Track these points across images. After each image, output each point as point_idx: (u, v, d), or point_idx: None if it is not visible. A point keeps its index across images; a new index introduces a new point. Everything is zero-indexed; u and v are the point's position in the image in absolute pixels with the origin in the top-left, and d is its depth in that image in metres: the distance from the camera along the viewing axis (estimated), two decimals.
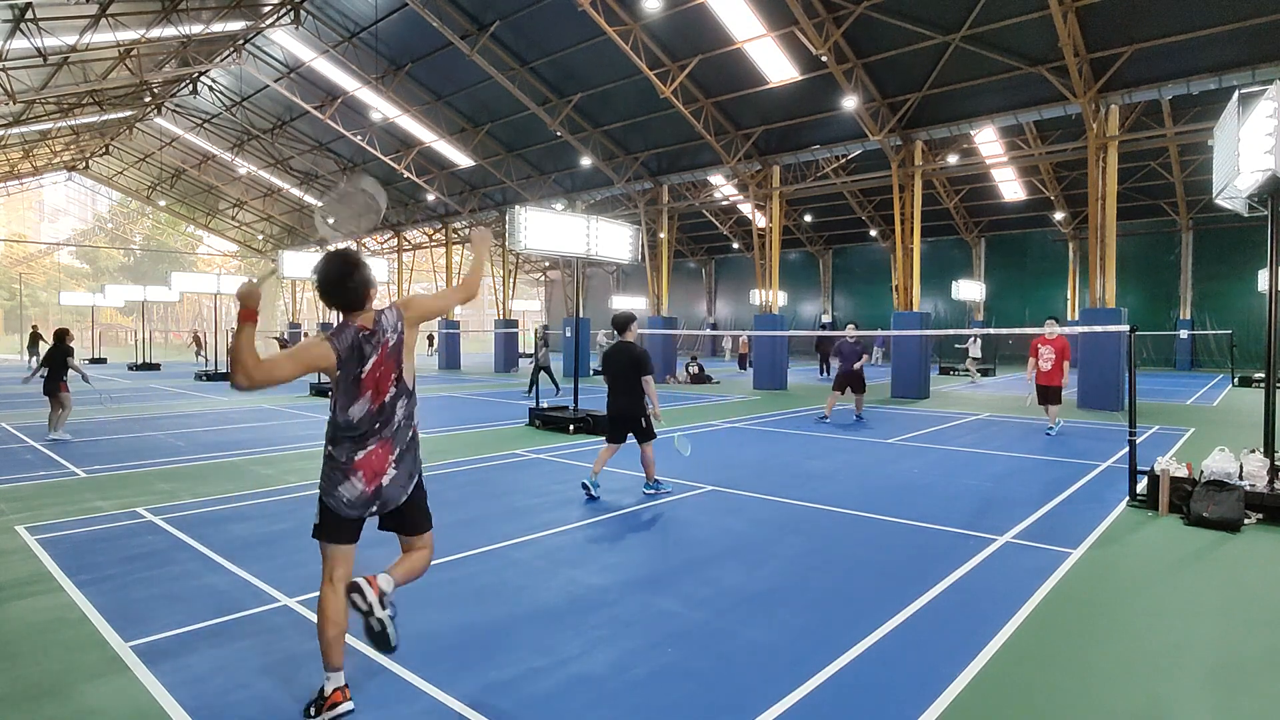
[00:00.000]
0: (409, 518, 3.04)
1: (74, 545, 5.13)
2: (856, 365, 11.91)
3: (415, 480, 3.03)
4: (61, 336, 10.41)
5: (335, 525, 2.90)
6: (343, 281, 2.83)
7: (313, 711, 2.89)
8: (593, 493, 6.52)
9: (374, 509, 2.93)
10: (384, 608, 2.77)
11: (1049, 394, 10.43)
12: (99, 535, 5.39)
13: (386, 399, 2.88)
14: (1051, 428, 10.61)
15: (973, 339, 22.00)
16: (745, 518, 5.95)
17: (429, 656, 3.40)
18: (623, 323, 6.59)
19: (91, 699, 3.03)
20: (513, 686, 3.13)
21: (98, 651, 3.46)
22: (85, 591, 4.21)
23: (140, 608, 3.98)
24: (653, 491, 6.70)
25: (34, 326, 25.36)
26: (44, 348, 22.67)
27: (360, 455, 2.85)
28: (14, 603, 4.08)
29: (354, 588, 2.77)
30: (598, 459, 6.71)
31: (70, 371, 10.25)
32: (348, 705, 2.86)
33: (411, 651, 3.44)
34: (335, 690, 2.86)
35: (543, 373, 15.35)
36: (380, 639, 2.78)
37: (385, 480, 2.90)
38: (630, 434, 6.61)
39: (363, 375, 2.82)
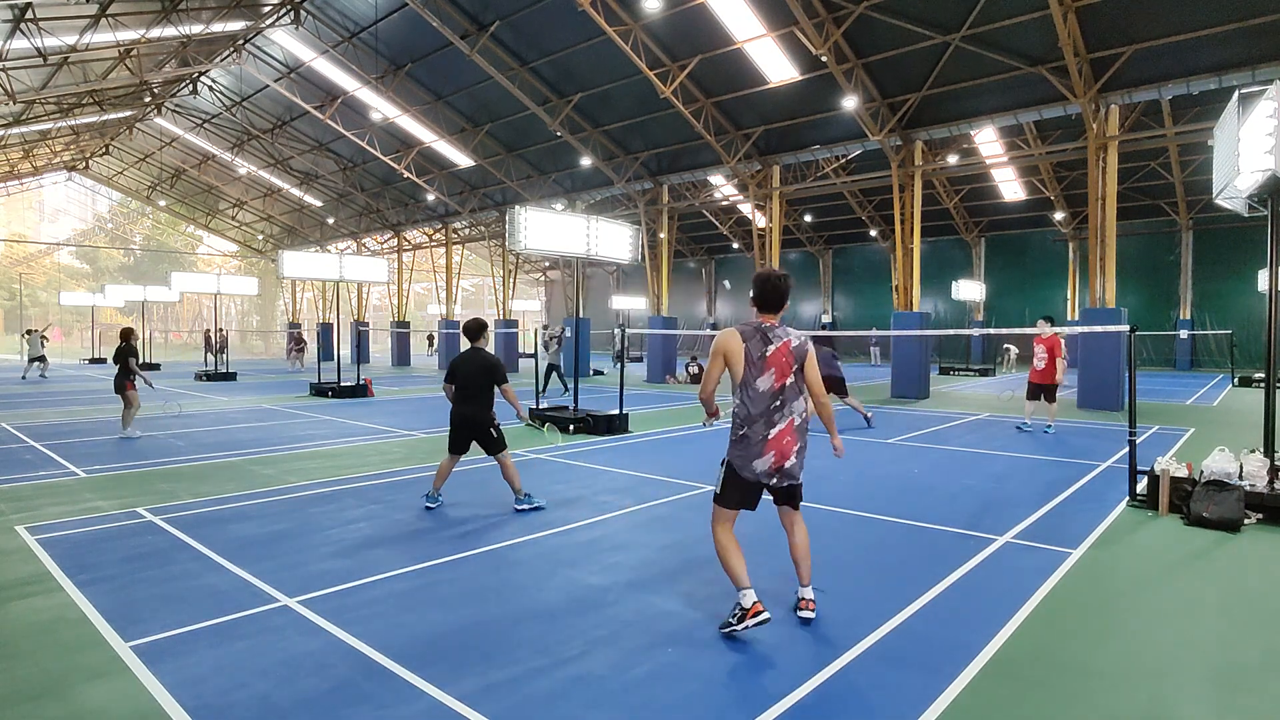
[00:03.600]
0: (796, 493, 3.75)
1: (74, 545, 5.13)
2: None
3: (801, 471, 3.73)
4: (126, 336, 10.55)
5: (735, 494, 3.67)
6: (778, 291, 3.68)
7: (734, 620, 3.53)
8: (431, 506, 6.16)
9: (775, 480, 3.62)
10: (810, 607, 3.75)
11: (1046, 392, 10.45)
12: (99, 535, 5.39)
13: (788, 382, 3.60)
14: (1028, 422, 10.71)
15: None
16: (745, 518, 5.90)
17: (429, 656, 3.40)
18: (474, 331, 6.29)
19: (91, 699, 3.03)
20: (513, 686, 3.13)
21: (98, 651, 3.46)
22: (85, 591, 4.21)
23: (140, 608, 3.98)
24: (525, 508, 6.06)
25: None
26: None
27: (773, 434, 3.56)
28: (14, 603, 4.08)
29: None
30: (438, 472, 6.25)
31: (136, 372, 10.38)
32: (766, 615, 3.52)
33: (411, 651, 3.45)
34: (754, 603, 3.50)
35: (554, 372, 15.32)
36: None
37: (788, 463, 3.61)
38: (476, 444, 6.15)
39: (768, 354, 3.57)
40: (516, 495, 6.16)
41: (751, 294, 3.73)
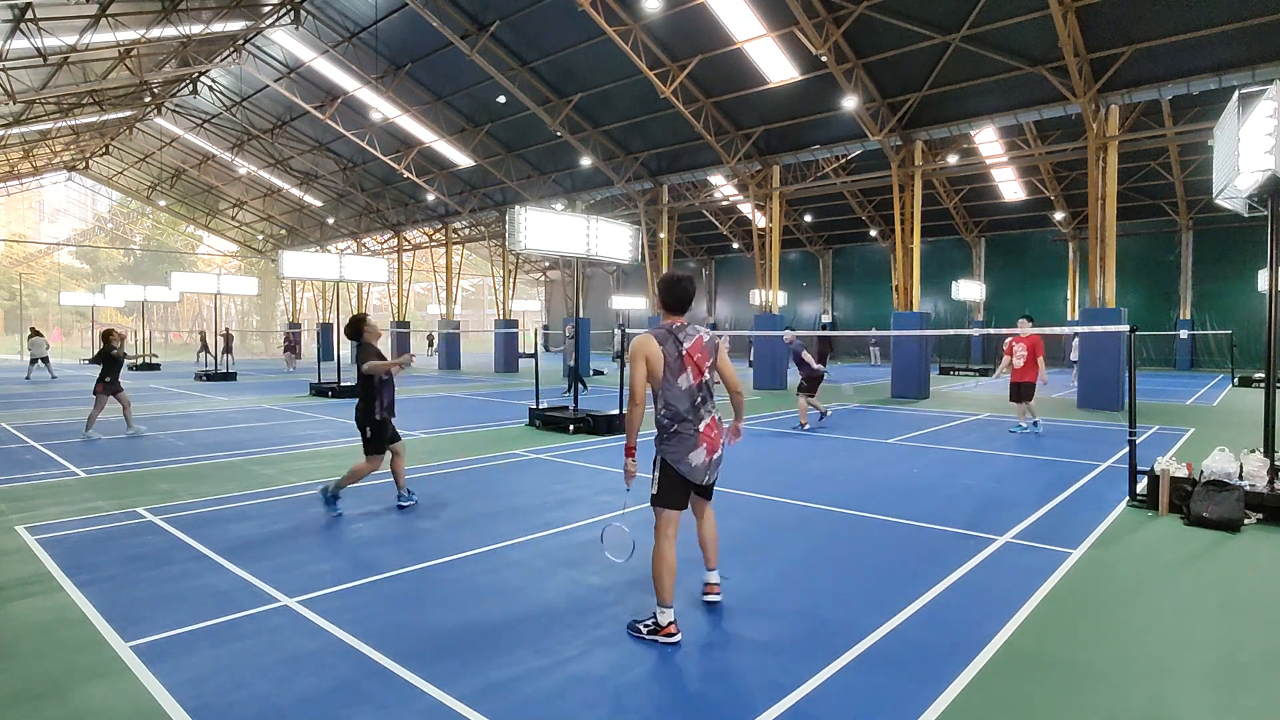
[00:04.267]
0: (710, 486, 3.88)
1: (74, 545, 5.13)
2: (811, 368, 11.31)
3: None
4: (106, 337, 10.75)
5: (675, 492, 3.69)
6: (683, 294, 3.75)
7: (644, 630, 3.61)
8: (403, 504, 6.18)
9: (709, 476, 3.73)
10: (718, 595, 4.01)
11: (1022, 390, 10.49)
12: (99, 535, 5.38)
13: (704, 379, 3.70)
14: (1022, 424, 10.68)
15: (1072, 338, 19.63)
16: (745, 518, 5.94)
17: (429, 656, 3.40)
18: (351, 331, 6.28)
19: (91, 699, 3.03)
20: (513, 686, 3.14)
21: (98, 651, 3.46)
22: (85, 591, 4.21)
23: (140, 608, 3.98)
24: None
25: None
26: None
27: (703, 427, 3.67)
28: (14, 603, 4.08)
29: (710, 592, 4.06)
30: (395, 474, 6.32)
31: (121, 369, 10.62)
32: (678, 638, 3.57)
33: (411, 651, 3.45)
34: (670, 623, 3.58)
35: (570, 371, 15.32)
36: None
37: (717, 454, 3.74)
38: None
39: (683, 353, 3.65)
40: (333, 488, 6.00)
41: (659, 297, 3.80)
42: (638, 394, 3.64)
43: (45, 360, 22.39)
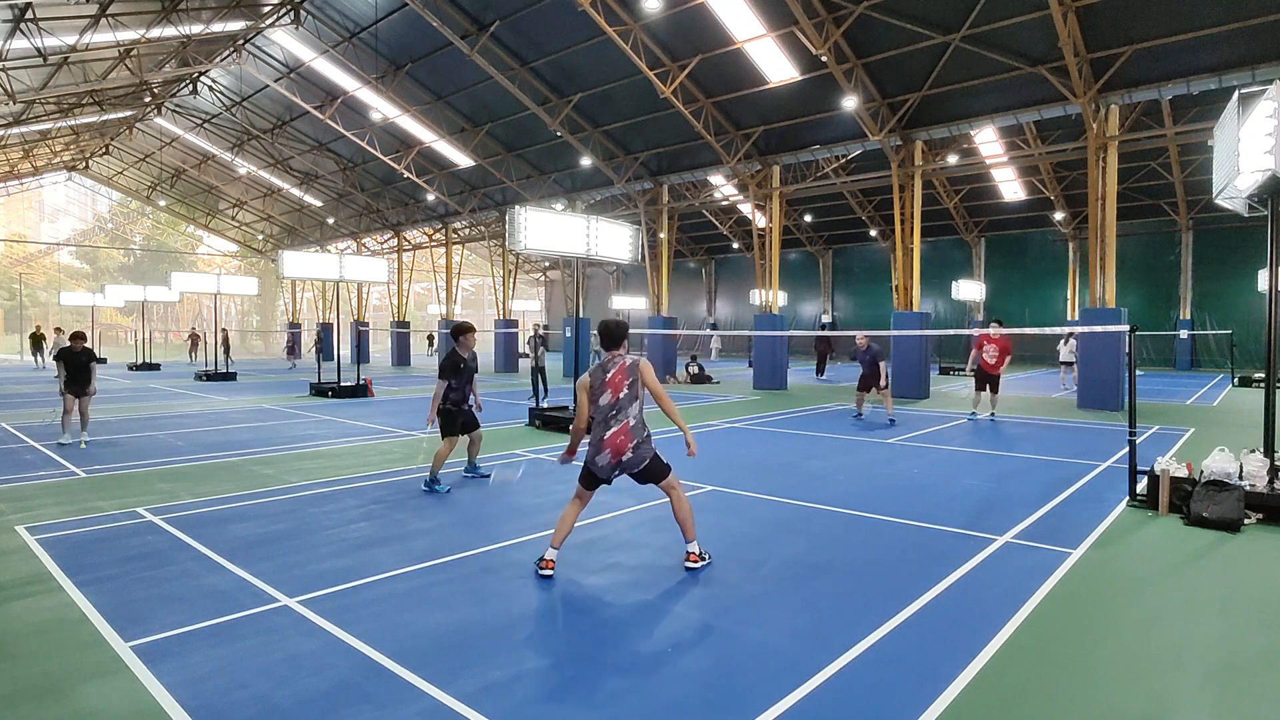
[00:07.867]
0: (644, 474, 4.60)
1: (74, 545, 5.13)
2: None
3: (647, 459, 4.56)
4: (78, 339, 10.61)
5: (586, 477, 4.67)
6: (614, 334, 4.68)
7: (538, 564, 4.54)
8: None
9: (616, 474, 4.58)
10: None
11: (992, 383, 12.12)
12: (99, 535, 5.39)
13: (621, 395, 4.51)
14: (993, 415, 12.32)
15: (1065, 339, 18.94)
16: (745, 518, 5.95)
17: (429, 656, 3.40)
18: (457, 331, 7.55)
19: (91, 699, 3.03)
20: (513, 686, 3.14)
21: (98, 651, 3.46)
22: (85, 591, 4.21)
23: (140, 608, 3.98)
24: (470, 475, 7.57)
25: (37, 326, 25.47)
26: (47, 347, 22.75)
27: (607, 434, 4.48)
28: (14, 603, 4.08)
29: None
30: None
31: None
32: (548, 574, 4.48)
33: (411, 651, 3.45)
34: (546, 559, 4.57)
35: (539, 374, 15.23)
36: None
37: (625, 456, 4.48)
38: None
39: (606, 379, 4.55)
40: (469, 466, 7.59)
41: (599, 337, 4.77)
42: (581, 421, 4.65)
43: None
